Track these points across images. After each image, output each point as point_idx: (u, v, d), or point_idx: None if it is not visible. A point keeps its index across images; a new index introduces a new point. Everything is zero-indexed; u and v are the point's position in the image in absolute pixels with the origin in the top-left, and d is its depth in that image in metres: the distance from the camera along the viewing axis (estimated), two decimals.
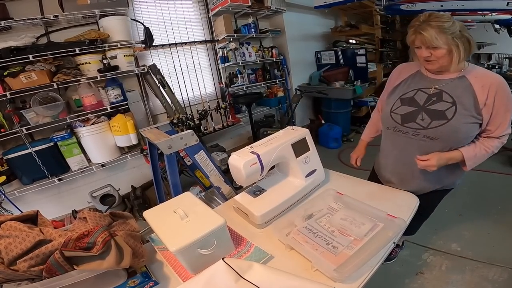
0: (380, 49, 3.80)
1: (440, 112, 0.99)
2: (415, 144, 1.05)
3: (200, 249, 0.74)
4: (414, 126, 1.04)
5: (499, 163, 2.69)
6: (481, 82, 0.96)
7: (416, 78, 1.10)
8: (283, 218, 0.94)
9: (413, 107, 1.06)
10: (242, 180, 0.94)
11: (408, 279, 1.55)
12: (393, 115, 1.10)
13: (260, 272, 0.67)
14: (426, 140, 1.02)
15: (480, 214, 2.02)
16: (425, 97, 1.04)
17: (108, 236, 0.67)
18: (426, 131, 1.01)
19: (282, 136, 1.06)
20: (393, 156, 1.16)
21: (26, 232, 0.68)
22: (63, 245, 0.64)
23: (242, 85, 3.28)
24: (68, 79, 2.00)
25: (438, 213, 1.31)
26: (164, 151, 1.16)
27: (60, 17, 2.01)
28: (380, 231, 0.79)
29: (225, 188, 1.26)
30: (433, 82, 1.04)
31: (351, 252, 0.73)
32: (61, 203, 2.35)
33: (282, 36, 3.56)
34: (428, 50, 0.96)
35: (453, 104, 0.98)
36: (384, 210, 0.84)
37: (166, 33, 2.80)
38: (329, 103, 3.72)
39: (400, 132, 1.08)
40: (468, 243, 1.75)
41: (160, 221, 0.83)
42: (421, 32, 0.93)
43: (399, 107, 1.09)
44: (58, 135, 2.10)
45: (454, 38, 0.92)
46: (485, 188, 2.34)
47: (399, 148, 1.11)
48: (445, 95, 1.00)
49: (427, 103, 1.03)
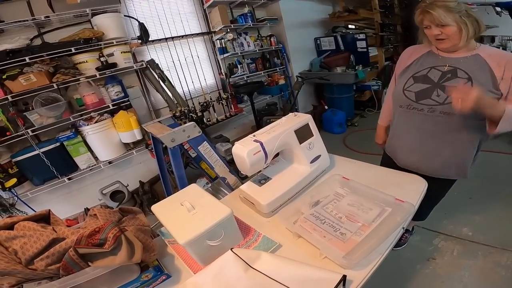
0: (380, 33, 3.72)
1: (462, 85, 0.97)
2: (431, 121, 1.04)
3: (208, 240, 0.74)
4: (429, 103, 1.03)
5: (507, 143, 2.63)
6: (496, 59, 0.96)
7: (429, 58, 1.09)
8: (289, 206, 0.94)
9: (427, 84, 1.05)
10: (246, 169, 0.94)
11: (419, 265, 1.54)
12: (406, 93, 1.10)
13: (269, 261, 0.67)
14: (442, 116, 1.01)
15: (490, 197, 1.98)
16: (439, 74, 1.04)
17: (118, 232, 0.68)
18: (442, 106, 1.01)
19: (284, 123, 1.04)
20: (409, 135, 1.15)
21: (39, 231, 0.69)
22: (76, 242, 0.65)
23: (242, 75, 3.24)
24: (67, 79, 2.00)
25: (448, 197, 1.29)
26: (168, 145, 1.16)
27: (52, 17, 1.99)
28: (388, 216, 0.78)
29: (230, 178, 1.26)
30: (446, 60, 1.04)
31: (359, 238, 0.72)
32: (73, 201, 2.40)
33: (280, 24, 3.50)
34: (438, 28, 0.96)
35: (469, 80, 0.97)
36: (392, 194, 0.83)
37: (162, 28, 2.76)
38: (332, 89, 3.67)
39: (414, 110, 1.08)
40: (480, 227, 1.72)
41: (168, 214, 0.83)
42: (429, 11, 0.94)
43: (412, 85, 1.09)
44: (64, 135, 2.12)
45: (461, 17, 0.93)
46: (494, 170, 2.29)
47: (415, 126, 1.11)
48: (460, 71, 1.00)
49: (442, 80, 1.02)
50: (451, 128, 1.03)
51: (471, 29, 0.94)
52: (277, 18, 3.42)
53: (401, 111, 1.15)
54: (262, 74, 3.48)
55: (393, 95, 1.20)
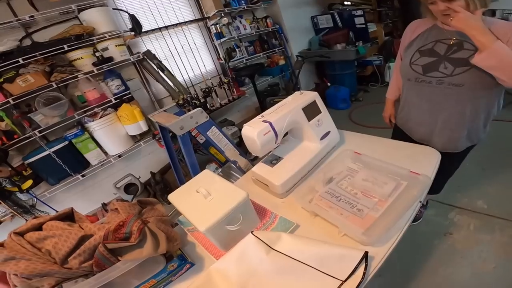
0: (378, 9, 3.60)
1: (463, 60, 0.96)
2: (440, 93, 1.04)
3: (227, 225, 0.76)
4: (437, 75, 1.03)
5: None
6: (502, 30, 0.91)
7: (434, 32, 1.07)
8: (303, 185, 0.94)
9: (434, 57, 1.04)
10: (257, 150, 0.94)
11: (437, 240, 1.53)
12: (413, 66, 1.09)
13: (290, 242, 0.69)
14: (451, 87, 1.01)
15: (503, 167, 1.94)
16: (445, 47, 1.02)
17: (142, 224, 0.69)
18: (450, 78, 1.00)
19: (291, 102, 1.03)
20: (419, 108, 1.15)
21: (68, 229, 0.71)
22: (104, 238, 0.66)
23: (241, 58, 3.18)
24: (65, 77, 1.98)
25: (461, 168, 1.26)
26: (177, 132, 1.16)
27: (36, 16, 1.94)
28: (405, 190, 0.77)
29: (241, 161, 1.27)
30: (451, 34, 1.01)
31: (377, 214, 0.72)
32: (89, 198, 2.46)
33: (275, 4, 3.39)
34: (444, 4, 0.92)
35: (476, 51, 0.93)
36: (405, 167, 0.82)
37: (154, 18, 2.69)
38: (333, 66, 3.60)
39: (423, 82, 1.07)
40: (494, 199, 1.70)
41: (185, 202, 0.85)
42: None
43: (419, 58, 1.07)
44: (71, 133, 2.14)
45: None
46: (505, 139, 2.24)
47: (425, 98, 1.10)
48: (466, 44, 0.97)
49: (448, 53, 1.00)
50: (461, 99, 1.03)
51: (479, 3, 0.90)
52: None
53: (410, 85, 1.14)
54: (261, 56, 3.41)
55: (401, 69, 1.18)
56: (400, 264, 1.44)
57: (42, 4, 1.96)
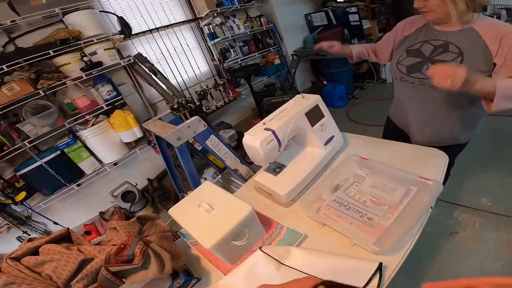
0: (371, 5, 3.61)
1: (445, 63, 0.95)
2: (422, 94, 1.06)
3: (233, 241, 0.72)
4: (419, 76, 1.04)
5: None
6: (492, 33, 0.90)
7: (423, 31, 1.08)
8: (309, 193, 0.91)
9: (418, 58, 1.05)
10: (260, 160, 0.90)
11: (443, 240, 1.52)
12: (399, 66, 1.11)
13: (300, 256, 0.66)
14: (431, 90, 1.02)
15: (504, 163, 1.93)
16: (431, 48, 1.03)
17: (144, 246, 0.66)
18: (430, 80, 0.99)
19: (293, 107, 0.99)
20: (403, 105, 1.18)
21: (66, 253, 0.68)
22: (105, 261, 0.64)
23: (236, 58, 3.13)
24: (52, 84, 1.90)
25: (462, 165, 1.24)
26: (174, 144, 1.11)
27: (18, 21, 1.84)
28: (415, 196, 0.75)
29: (242, 169, 1.23)
30: (440, 34, 1.02)
31: (388, 222, 0.70)
32: (87, 206, 2.40)
33: (268, 3, 3.34)
34: (421, 1, 0.95)
35: (459, 55, 0.95)
36: (414, 172, 0.80)
37: (144, 20, 2.61)
38: (329, 63, 3.58)
39: (407, 82, 1.09)
40: (498, 196, 1.69)
41: (188, 217, 0.81)
42: None
43: (405, 59, 1.10)
44: (63, 142, 2.07)
45: None
46: (505, 134, 2.23)
47: (408, 97, 1.14)
48: (451, 46, 0.98)
49: (433, 54, 1.02)
50: (439, 101, 1.04)
51: (461, 4, 0.88)
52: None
53: (396, 83, 1.18)
54: (256, 56, 3.36)
55: (390, 68, 1.21)
56: (408, 266, 1.42)
57: (23, 8, 1.87)
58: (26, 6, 1.86)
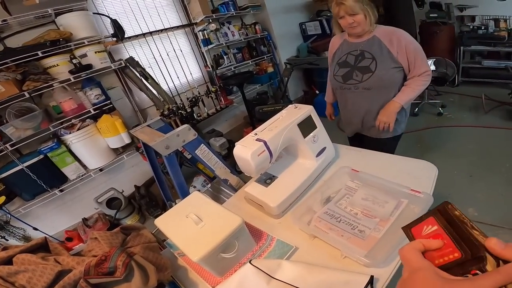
0: None
1: (366, 68, 1.28)
2: (359, 96, 1.35)
3: (222, 253, 0.70)
4: (352, 82, 1.34)
5: (499, 118, 2.66)
6: (387, 37, 1.24)
7: (344, 45, 1.39)
8: (300, 205, 0.90)
9: (347, 67, 1.35)
10: (251, 171, 0.88)
11: None
12: (336, 77, 1.41)
13: (291, 269, 0.64)
14: (364, 91, 1.32)
15: (490, 173, 1.99)
16: (353, 58, 1.33)
17: (127, 258, 0.63)
18: (362, 83, 1.31)
19: (285, 117, 0.98)
20: (347, 109, 1.46)
21: (42, 264, 0.65)
22: (84, 273, 0.61)
23: (229, 65, 3.13)
24: (38, 86, 1.84)
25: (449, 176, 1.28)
26: (162, 153, 1.08)
27: (10, 21, 1.80)
28: (406, 209, 0.75)
29: (233, 179, 1.21)
30: (355, 45, 1.32)
31: (379, 234, 0.69)
32: (69, 212, 2.31)
33: (263, 10, 3.38)
34: (351, 17, 1.21)
35: (373, 59, 1.26)
36: (404, 184, 0.80)
37: (138, 23, 2.59)
38: (321, 73, 3.61)
39: (345, 89, 1.38)
40: (484, 206, 1.73)
41: (175, 229, 0.78)
42: (343, 3, 1.17)
43: (339, 70, 1.39)
44: (46, 146, 1.99)
45: (364, 5, 1.19)
46: (489, 145, 2.31)
47: (350, 102, 1.41)
48: (366, 53, 1.28)
49: (356, 62, 1.32)
50: (372, 99, 1.33)
51: (372, 16, 1.22)
52: (260, 5, 3.30)
53: (338, 92, 1.47)
54: (249, 63, 3.38)
55: (330, 81, 1.51)
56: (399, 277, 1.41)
57: (16, 8, 1.83)
58: (18, 6, 1.83)
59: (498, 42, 3.24)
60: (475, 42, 3.40)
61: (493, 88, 3.20)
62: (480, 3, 3.36)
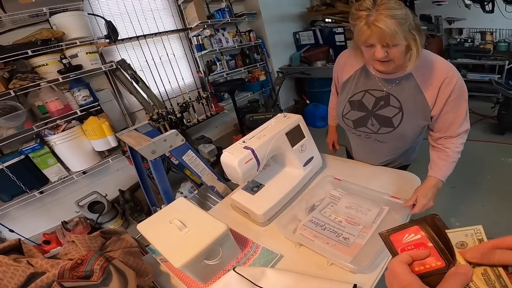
0: None
1: (388, 119, 0.95)
2: (368, 145, 1.08)
3: (206, 260, 0.69)
4: (365, 131, 1.04)
5: (481, 131, 2.77)
6: (429, 80, 0.84)
7: (362, 77, 0.99)
8: (285, 213, 0.90)
9: (362, 112, 1.01)
10: (238, 179, 0.88)
11: None
12: (345, 120, 1.08)
13: (275, 277, 0.64)
14: (377, 142, 1.04)
15: (471, 185, 2.05)
16: (373, 100, 0.97)
17: (105, 262, 0.61)
18: (376, 135, 1.02)
19: (274, 126, 0.99)
20: (354, 147, 1.19)
21: (13, 266, 0.62)
22: (58, 276, 0.59)
23: (222, 72, 3.14)
24: (25, 84, 1.79)
25: None
26: (148, 157, 1.06)
27: (3, 18, 1.77)
28: (387, 215, 0.77)
29: (219, 186, 1.20)
30: (380, 82, 0.94)
31: (363, 241, 0.71)
32: (48, 215, 2.22)
33: (259, 18, 3.42)
34: (384, 49, 0.76)
35: (400, 110, 0.92)
36: (387, 192, 0.83)
37: (133, 26, 2.57)
38: (312, 83, 3.67)
39: (354, 134, 1.10)
40: (466, 217, 1.77)
41: (158, 234, 0.77)
42: (379, 26, 0.72)
43: (350, 112, 1.05)
44: (28, 147, 1.92)
45: (410, 30, 0.74)
46: (471, 158, 2.38)
47: (356, 144, 1.15)
48: (392, 98, 0.93)
49: (375, 108, 0.97)
50: (386, 150, 1.06)
51: (417, 47, 0.76)
52: (255, 13, 3.33)
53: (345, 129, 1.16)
54: (242, 71, 3.39)
55: (337, 117, 1.15)
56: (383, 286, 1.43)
57: (11, 6, 1.80)
58: (14, 4, 1.79)
59: (483, 55, 3.33)
60: (461, 55, 3.46)
61: (477, 102, 3.31)
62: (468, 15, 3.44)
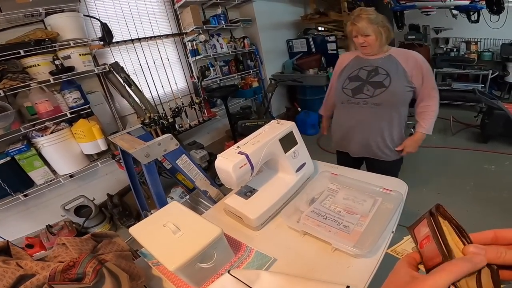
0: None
1: (380, 83, 1.29)
2: (367, 112, 1.33)
3: (200, 263, 0.69)
4: (362, 97, 1.33)
5: (464, 139, 2.88)
6: (403, 57, 1.29)
7: (357, 61, 1.40)
8: (289, 206, 0.93)
9: (359, 81, 1.35)
10: (233, 184, 0.90)
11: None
12: (344, 90, 1.39)
13: (270, 280, 0.65)
14: (374, 106, 1.31)
15: (456, 191, 2.14)
16: (366, 73, 1.34)
17: (98, 265, 0.60)
18: (372, 99, 1.31)
19: (268, 132, 1.02)
20: (350, 126, 1.42)
21: (2, 267, 0.61)
22: (49, 278, 0.58)
23: (215, 78, 3.16)
24: (15, 85, 1.76)
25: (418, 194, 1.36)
26: (142, 161, 1.06)
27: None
28: (381, 205, 0.85)
29: (212, 191, 1.21)
30: (369, 61, 1.34)
31: (361, 228, 0.78)
32: (32, 218, 2.16)
33: (253, 25, 3.49)
34: (362, 38, 1.27)
35: (387, 75, 1.28)
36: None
37: (128, 28, 2.58)
38: (304, 90, 3.75)
39: (353, 104, 1.36)
40: None
41: (151, 237, 0.76)
42: (356, 24, 1.25)
43: (349, 84, 1.38)
44: (14, 148, 1.87)
45: (379, 27, 1.24)
46: (456, 165, 2.49)
47: (355, 118, 1.39)
48: (380, 69, 1.30)
49: (369, 77, 1.32)
50: (379, 116, 1.32)
51: (384, 38, 1.27)
52: (250, 20, 3.40)
53: (342, 106, 1.44)
54: (235, 77, 3.43)
55: (335, 94, 1.48)
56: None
57: (7, 5, 1.78)
58: (10, 3, 1.78)
59: (468, 65, 3.47)
60: (447, 64, 3.60)
61: (461, 111, 3.45)
62: (454, 25, 3.60)
